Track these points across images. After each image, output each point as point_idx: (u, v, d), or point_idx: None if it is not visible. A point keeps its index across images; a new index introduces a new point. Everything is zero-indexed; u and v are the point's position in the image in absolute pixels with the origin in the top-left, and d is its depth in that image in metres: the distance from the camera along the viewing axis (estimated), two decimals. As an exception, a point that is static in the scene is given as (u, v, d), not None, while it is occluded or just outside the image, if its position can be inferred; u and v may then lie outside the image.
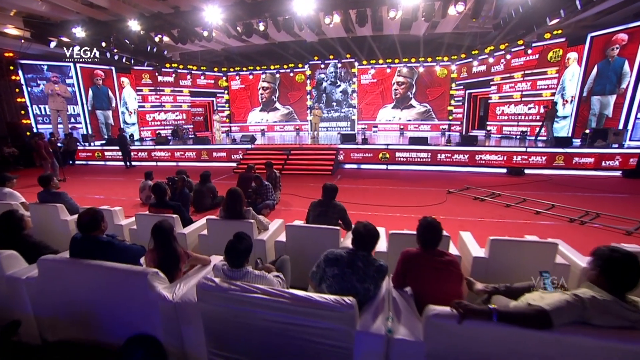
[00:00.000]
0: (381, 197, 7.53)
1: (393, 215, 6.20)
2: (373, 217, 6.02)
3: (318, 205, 3.70)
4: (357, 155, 11.26)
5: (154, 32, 9.85)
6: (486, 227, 5.48)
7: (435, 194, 7.80)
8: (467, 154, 10.39)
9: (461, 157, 10.45)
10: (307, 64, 19.93)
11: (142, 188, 7.05)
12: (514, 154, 10.24)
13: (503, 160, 10.36)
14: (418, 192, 8.10)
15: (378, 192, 8.10)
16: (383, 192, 8.10)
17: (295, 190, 8.15)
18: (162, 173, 11.08)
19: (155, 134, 18.03)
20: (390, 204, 6.90)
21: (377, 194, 7.89)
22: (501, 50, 15.14)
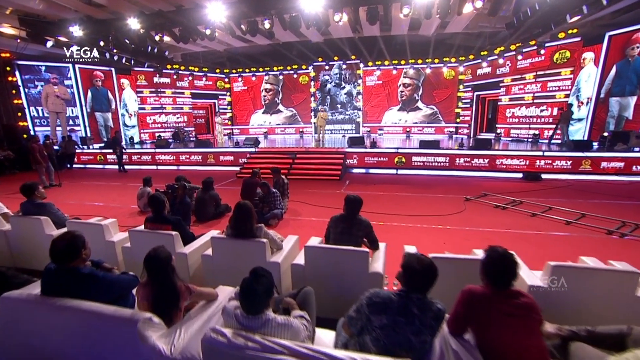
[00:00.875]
0: (395, 205, 7.06)
1: (412, 227, 5.72)
2: (391, 229, 5.54)
3: (340, 220, 3.21)
4: (369, 160, 10.78)
5: (154, 30, 9.43)
6: (515, 240, 4.99)
7: (452, 201, 7.32)
8: (487, 159, 9.91)
9: (480, 162, 9.97)
10: (311, 65, 19.51)
11: (140, 195, 6.59)
12: (535, 158, 9.73)
13: (525, 165, 9.86)
14: (433, 199, 7.62)
15: (391, 199, 7.62)
16: (397, 199, 7.62)
17: (303, 197, 7.67)
18: (162, 178, 10.66)
19: (153, 136, 17.61)
20: (406, 213, 6.41)
21: (391, 201, 7.41)
22: (512, 51, 14.72)
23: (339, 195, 8.11)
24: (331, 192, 8.30)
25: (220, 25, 9.16)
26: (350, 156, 10.73)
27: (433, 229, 5.54)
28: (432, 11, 8.17)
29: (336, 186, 9.07)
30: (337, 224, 3.22)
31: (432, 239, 5.07)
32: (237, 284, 2.84)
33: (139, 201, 6.60)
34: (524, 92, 14.70)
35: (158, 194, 3.32)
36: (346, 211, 3.20)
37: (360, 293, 1.83)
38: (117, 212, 6.78)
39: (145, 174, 12.09)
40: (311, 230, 5.41)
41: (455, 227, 5.58)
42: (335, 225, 3.23)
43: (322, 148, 11.45)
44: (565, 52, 13.64)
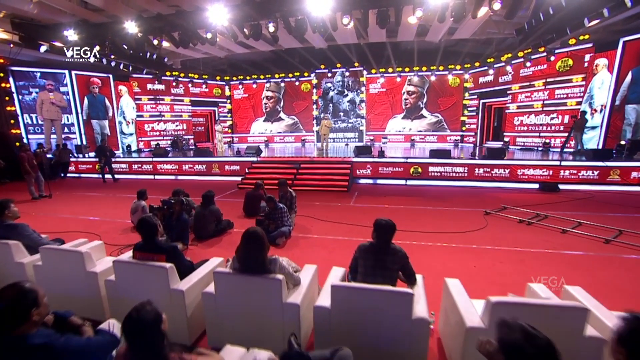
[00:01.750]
0: (411, 220, 6.52)
1: (433, 246, 5.17)
2: (410, 249, 4.99)
3: (372, 251, 2.67)
4: (379, 170, 10.25)
5: (152, 35, 9.01)
6: (552, 262, 4.46)
7: (471, 216, 6.79)
8: (508, 169, 9.41)
9: (500, 172, 9.48)
10: (313, 73, 19.17)
11: (134, 209, 6.05)
12: (559, 169, 9.23)
13: (542, 176, 9.36)
14: (450, 213, 7.09)
15: (406, 213, 7.08)
16: (411, 213, 7.08)
17: (310, 210, 7.12)
18: (160, 188, 10.14)
19: (148, 144, 17.12)
20: (425, 229, 5.88)
21: (406, 216, 6.88)
22: (519, 58, 14.39)
23: (348, 208, 7.58)
24: (340, 205, 7.76)
25: (222, 29, 8.75)
26: (363, 166, 10.20)
27: (456, 249, 5.00)
28: (445, 14, 7.78)
29: (344, 198, 8.54)
30: (367, 256, 2.68)
31: (459, 261, 4.53)
32: (247, 329, 2.34)
33: (133, 216, 6.06)
34: (531, 100, 14.33)
35: (149, 216, 2.75)
36: (378, 239, 2.66)
37: (404, 344, 1.30)
38: (109, 227, 6.23)
39: (143, 185, 11.69)
40: (323, 252, 4.88)
41: (481, 246, 5.05)
42: (365, 257, 2.68)
43: (327, 157, 10.95)
44: (568, 60, 13.30)
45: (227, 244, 5.21)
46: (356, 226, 6.07)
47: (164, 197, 6.24)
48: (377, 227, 2.63)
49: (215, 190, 10.06)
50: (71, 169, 13.51)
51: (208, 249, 5.03)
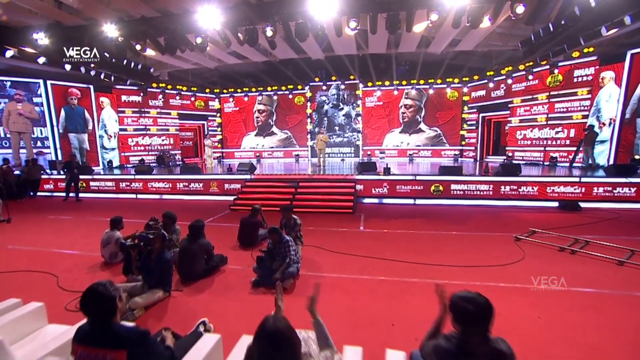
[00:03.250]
0: (433, 249, 5.62)
1: (470, 285, 4.26)
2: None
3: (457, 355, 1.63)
4: (381, 190, 9.40)
5: (135, 40, 8.09)
6: (634, 307, 3.60)
7: (500, 242, 5.95)
8: (536, 186, 8.68)
9: (529, 190, 8.74)
10: (308, 85, 18.51)
11: (105, 242, 4.96)
12: (592, 186, 8.57)
13: (569, 193, 8.66)
14: (474, 239, 6.22)
15: (424, 240, 6.18)
16: (431, 240, 6.19)
17: (315, 238, 6.12)
18: (142, 210, 8.93)
19: (126, 160, 15.94)
20: (454, 262, 4.97)
21: (425, 243, 5.98)
22: (521, 71, 14.04)
23: (358, 235, 6.64)
24: (348, 231, 6.81)
25: (214, 33, 7.93)
26: (379, 184, 9.32)
27: (501, 290, 4.10)
28: (461, 19, 7.17)
29: (351, 221, 7.60)
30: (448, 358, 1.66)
31: (514, 309, 3.62)
32: None
33: (103, 249, 4.96)
34: (530, 114, 13.94)
35: (103, 285, 1.66)
36: (464, 335, 1.63)
37: None
38: (74, 263, 5.09)
39: (123, 206, 10.56)
40: (344, 298, 3.89)
41: (529, 285, 4.15)
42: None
43: (328, 175, 10.04)
44: (558, 76, 13.02)
45: (221, 288, 4.17)
46: (375, 259, 5.12)
47: (147, 219, 5.20)
48: (459, 313, 1.62)
49: (204, 212, 9.09)
50: (49, 186, 12.19)
51: (197, 295, 3.98)
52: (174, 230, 5.05)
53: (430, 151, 18.08)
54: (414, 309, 3.60)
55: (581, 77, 12.19)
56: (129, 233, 5.21)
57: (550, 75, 13.41)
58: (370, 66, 15.60)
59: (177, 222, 5.24)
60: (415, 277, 4.43)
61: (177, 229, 5.10)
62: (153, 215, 5.37)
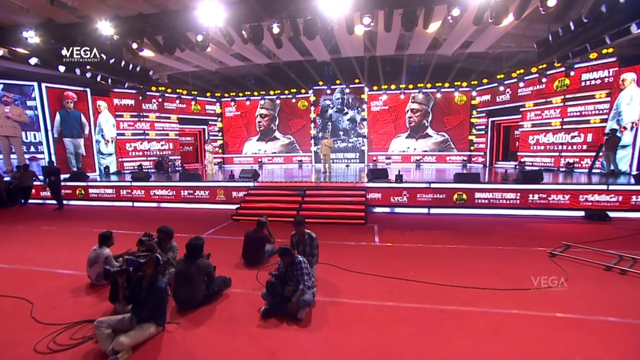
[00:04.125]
0: (461, 267, 5.01)
1: (509, 314, 3.64)
2: (473, 318, 3.45)
3: None
4: (397, 198, 8.80)
5: (131, 38, 7.57)
6: None
7: (533, 258, 5.34)
8: (568, 194, 8.08)
9: (559, 199, 8.14)
10: (311, 89, 17.99)
11: (92, 260, 4.36)
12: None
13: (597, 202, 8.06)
14: (503, 255, 5.61)
15: (450, 256, 5.57)
16: (456, 256, 5.57)
17: (328, 254, 5.47)
18: (138, 220, 8.33)
19: (122, 166, 15.37)
20: (486, 284, 4.35)
21: (451, 260, 5.37)
22: (533, 74, 13.54)
23: (375, 250, 6.02)
24: (364, 245, 6.20)
25: (216, 31, 7.41)
26: (398, 193, 8.73)
27: (557, 321, 3.47)
28: (484, 15, 6.64)
29: (364, 233, 6.99)
30: None
31: (582, 349, 3.00)
32: None
33: (90, 269, 4.36)
34: (542, 118, 13.43)
35: None
36: None
37: None
38: (54, 285, 4.47)
39: (120, 213, 9.96)
40: (371, 332, 3.27)
41: (589, 316, 3.53)
42: None
43: (338, 183, 9.44)
44: (565, 80, 12.63)
45: (225, 319, 3.55)
46: (398, 280, 4.51)
47: (144, 230, 4.59)
48: None
49: (204, 222, 8.43)
50: (43, 193, 11.59)
51: (196, 329, 3.35)
52: (171, 247, 4.45)
53: (435, 157, 17.52)
54: (459, 348, 2.98)
55: (599, 80, 11.65)
56: (122, 249, 4.63)
57: (558, 80, 12.99)
58: (379, 69, 15.12)
59: (175, 235, 4.64)
60: (450, 304, 3.82)
61: (174, 246, 4.49)
62: (148, 229, 4.76)
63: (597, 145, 11.40)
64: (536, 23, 11.07)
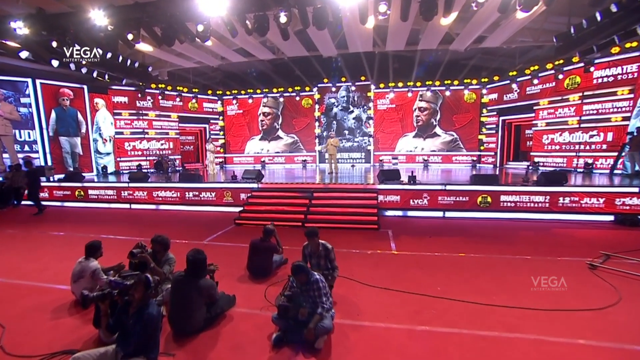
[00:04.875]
0: (494, 282, 4.46)
1: (561, 343, 3.09)
2: (520, 348, 2.89)
3: None
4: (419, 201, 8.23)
5: (127, 28, 7.03)
6: None
7: (572, 271, 4.77)
8: (603, 197, 7.50)
9: (593, 202, 7.57)
10: (316, 87, 17.44)
11: (76, 274, 3.82)
12: None
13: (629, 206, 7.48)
14: (538, 266, 5.04)
15: (478, 267, 5.00)
16: (486, 267, 5.00)
17: (342, 264, 4.81)
18: (135, 224, 7.74)
19: (120, 166, 14.84)
20: (527, 304, 3.79)
21: (481, 272, 4.80)
22: (547, 70, 12.96)
23: (393, 259, 5.46)
24: (380, 254, 5.64)
25: (217, 20, 6.87)
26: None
27: (631, 355, 2.91)
28: (510, 3, 6.07)
29: (378, 240, 6.44)
30: None
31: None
32: None
33: (74, 285, 3.82)
34: (555, 117, 12.89)
35: None
36: None
37: None
38: (33, 303, 3.92)
39: (116, 216, 9.42)
40: None
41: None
42: None
43: (347, 184, 8.87)
44: (576, 78, 12.16)
45: (230, 348, 2.99)
46: (426, 297, 3.95)
47: (140, 235, 4.08)
48: None
49: (204, 227, 7.76)
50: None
51: (194, 360, 2.81)
52: (167, 259, 3.91)
53: (443, 157, 16.95)
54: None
55: (621, 76, 11.05)
56: (115, 259, 4.10)
57: (569, 77, 12.45)
58: (389, 66, 14.56)
59: (173, 241, 4.11)
60: (491, 329, 3.27)
61: (171, 258, 3.95)
62: (144, 234, 4.24)
63: (620, 145, 10.83)
64: (555, 16, 10.48)
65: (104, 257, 4.08)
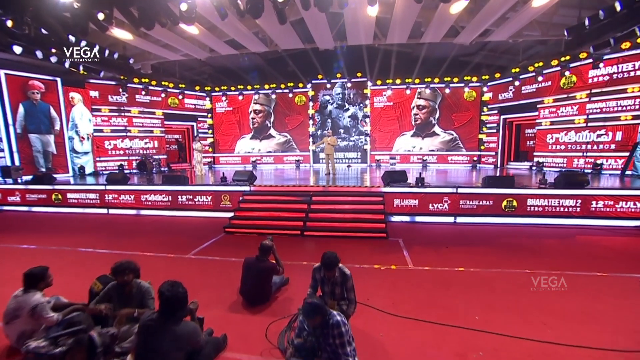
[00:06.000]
0: (540, 307, 3.71)
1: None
2: None
3: None
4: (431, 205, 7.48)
5: (97, 7, 6.04)
6: None
7: (627, 291, 4.06)
8: None
9: (630, 207, 6.91)
10: (310, 84, 16.61)
11: (10, 313, 2.87)
12: None
13: None
14: (580, 283, 4.33)
15: (515, 286, 4.25)
16: (523, 287, 4.25)
17: (355, 286, 4.09)
18: (112, 231, 6.72)
19: (97, 166, 13.72)
20: (594, 341, 3.06)
21: (522, 295, 4.05)
22: (552, 67, 12.44)
23: (410, 275, 4.67)
24: (396, 270, 4.84)
25: (204, 2, 5.97)
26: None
27: None
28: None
29: (390, 252, 5.64)
30: None
31: None
32: None
33: (8, 327, 2.87)
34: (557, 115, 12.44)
35: None
36: None
37: None
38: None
39: (92, 222, 8.37)
40: None
41: None
42: None
43: (350, 187, 8.05)
44: (572, 77, 11.87)
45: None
46: (467, 331, 3.17)
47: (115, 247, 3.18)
48: None
49: (190, 236, 6.55)
50: (14, 199, 9.96)
51: None
52: (142, 292, 2.96)
53: (440, 157, 16.34)
54: None
55: (632, 72, 10.57)
56: (83, 281, 3.20)
57: (564, 77, 12.03)
58: (389, 62, 13.85)
59: (152, 255, 3.21)
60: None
61: (147, 289, 2.98)
62: (122, 244, 3.32)
63: (631, 145, 10.35)
64: (565, 8, 9.93)
65: (65, 283, 3.16)
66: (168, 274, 3.11)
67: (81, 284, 3.42)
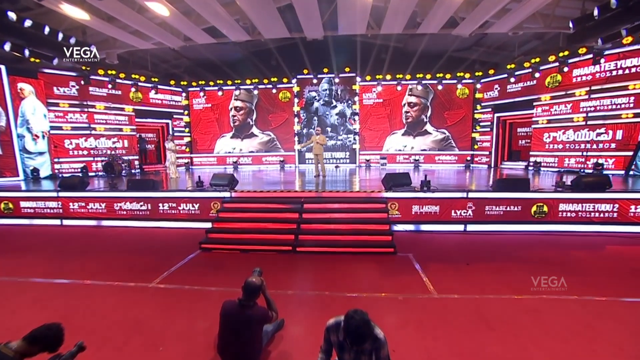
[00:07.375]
0: (618, 355, 2.83)
1: None
2: None
3: None
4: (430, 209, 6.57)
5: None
6: None
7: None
8: None
9: None
10: (295, 79, 15.53)
11: None
12: None
13: None
14: (630, 309, 3.51)
15: (581, 325, 3.37)
16: (583, 322, 3.38)
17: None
18: (60, 251, 5.25)
19: (55, 168, 12.09)
20: None
21: (588, 336, 3.17)
22: (550, 63, 11.94)
23: (437, 307, 3.71)
24: (418, 301, 3.86)
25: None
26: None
27: None
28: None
29: (403, 273, 4.67)
30: None
31: None
32: None
33: None
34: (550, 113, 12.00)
35: None
36: None
37: None
38: None
39: (39, 236, 6.99)
40: None
41: None
42: None
43: (347, 193, 7.03)
44: (557, 76, 11.67)
45: None
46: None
47: (58, 280, 2.29)
48: None
49: (157, 254, 5.40)
50: None
51: None
52: None
53: (433, 156, 15.67)
54: None
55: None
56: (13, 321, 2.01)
57: (549, 76, 11.74)
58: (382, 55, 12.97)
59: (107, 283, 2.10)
60: None
61: None
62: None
63: (635, 144, 9.92)
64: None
65: None
66: (119, 318, 2.01)
67: None
